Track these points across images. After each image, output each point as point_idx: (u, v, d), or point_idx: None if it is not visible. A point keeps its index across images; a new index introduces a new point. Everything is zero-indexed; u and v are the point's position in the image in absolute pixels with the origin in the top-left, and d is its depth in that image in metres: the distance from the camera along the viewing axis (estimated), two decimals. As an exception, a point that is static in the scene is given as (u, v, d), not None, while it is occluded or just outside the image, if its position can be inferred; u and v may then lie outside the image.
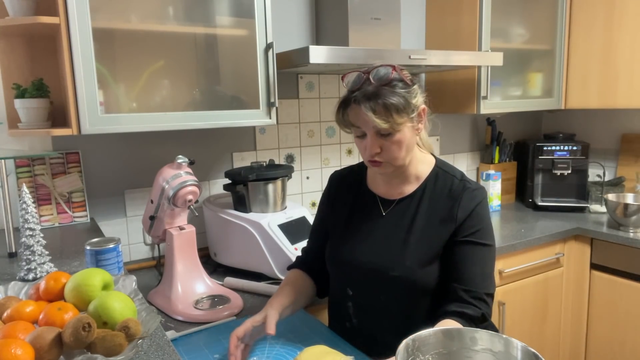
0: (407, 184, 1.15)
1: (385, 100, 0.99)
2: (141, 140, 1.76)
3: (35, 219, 1.13)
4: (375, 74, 1.02)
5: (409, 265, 1.07)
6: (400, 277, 1.08)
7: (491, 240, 1.10)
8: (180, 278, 1.38)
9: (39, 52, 1.54)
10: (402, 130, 1.03)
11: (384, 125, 1.00)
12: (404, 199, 1.14)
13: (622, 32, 2.14)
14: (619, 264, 1.99)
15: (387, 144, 1.04)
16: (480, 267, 1.07)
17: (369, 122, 1.00)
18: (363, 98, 1.00)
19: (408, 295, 1.09)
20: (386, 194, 1.17)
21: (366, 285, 1.13)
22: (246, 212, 1.62)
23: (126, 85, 1.42)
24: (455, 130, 2.53)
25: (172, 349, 0.83)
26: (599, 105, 2.27)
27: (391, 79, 1.01)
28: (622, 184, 2.39)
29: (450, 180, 1.13)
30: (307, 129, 2.09)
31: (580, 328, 2.16)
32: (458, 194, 1.10)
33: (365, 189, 1.21)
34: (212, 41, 1.54)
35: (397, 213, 1.14)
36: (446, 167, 1.16)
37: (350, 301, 1.17)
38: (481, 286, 1.06)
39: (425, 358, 0.83)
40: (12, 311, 0.81)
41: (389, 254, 1.10)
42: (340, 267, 1.19)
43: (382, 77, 1.01)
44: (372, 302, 1.13)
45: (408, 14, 2.25)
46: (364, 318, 1.16)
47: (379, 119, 0.99)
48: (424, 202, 1.12)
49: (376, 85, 1.01)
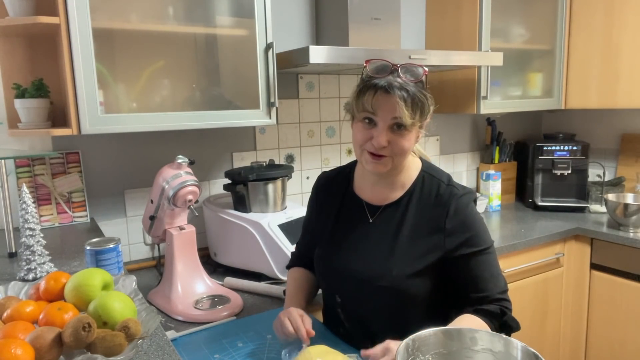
0: (393, 190, 1.12)
1: (416, 96, 0.99)
2: (141, 140, 1.76)
3: (35, 219, 1.13)
4: (408, 69, 1.01)
5: (396, 275, 1.05)
6: (387, 287, 1.06)
7: (488, 241, 1.09)
8: (180, 278, 1.38)
9: (39, 52, 1.55)
10: (413, 131, 1.02)
11: (409, 120, 0.98)
12: (390, 205, 1.12)
13: (622, 32, 2.14)
14: (619, 264, 1.99)
15: (397, 139, 1.01)
16: (488, 271, 1.07)
17: (391, 112, 0.98)
18: (395, 87, 0.98)
19: (396, 305, 1.08)
20: (372, 200, 1.14)
21: (354, 294, 1.12)
22: (246, 212, 1.62)
23: (126, 85, 1.42)
24: (455, 130, 2.53)
25: (172, 349, 0.83)
26: (599, 105, 2.27)
27: (421, 79, 1.01)
28: (622, 184, 2.39)
29: (436, 184, 1.10)
30: (307, 129, 2.09)
31: (580, 328, 2.16)
32: (445, 201, 1.07)
33: (351, 193, 1.19)
34: (212, 41, 1.54)
35: (383, 220, 1.12)
36: (432, 171, 1.14)
37: (340, 308, 1.16)
38: (494, 289, 1.06)
39: (425, 358, 0.83)
40: (12, 311, 0.81)
41: (376, 263, 1.08)
42: (328, 275, 1.18)
43: (414, 74, 1.01)
44: (360, 309, 1.12)
45: (408, 14, 2.25)
46: (355, 324, 1.15)
47: (408, 111, 0.98)
48: (410, 209, 1.09)
49: (406, 80, 0.99)
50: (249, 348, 1.14)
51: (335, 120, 2.14)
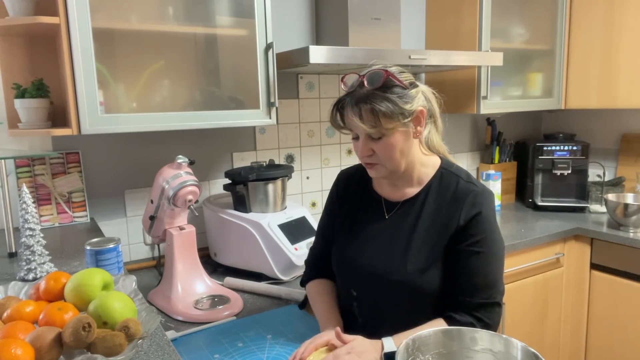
0: (410, 186, 1.13)
1: (373, 106, 0.98)
2: (141, 140, 1.76)
3: (35, 219, 1.13)
4: (368, 77, 1.01)
5: (410, 270, 1.06)
6: (401, 282, 1.06)
7: (496, 246, 1.07)
8: (180, 278, 1.38)
9: (39, 52, 1.54)
10: (393, 135, 1.02)
11: (370, 130, 1.00)
12: (407, 201, 1.12)
13: (622, 32, 2.14)
14: (619, 264, 1.99)
15: (378, 147, 1.03)
16: (481, 276, 1.05)
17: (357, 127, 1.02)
18: (352, 102, 1.01)
19: (410, 299, 1.08)
20: (390, 196, 1.15)
21: (369, 288, 1.13)
22: (246, 212, 1.62)
23: (126, 85, 1.42)
24: (455, 130, 2.53)
25: (172, 349, 0.83)
26: (599, 105, 2.27)
27: (384, 83, 1.00)
28: (622, 184, 2.39)
29: (455, 180, 1.10)
30: (307, 129, 2.09)
31: (580, 328, 2.16)
32: (462, 196, 1.06)
33: (370, 190, 1.20)
34: (212, 41, 1.54)
35: (400, 216, 1.12)
36: (452, 168, 1.13)
37: (355, 302, 1.16)
38: (480, 296, 1.04)
39: (425, 358, 0.83)
40: (12, 311, 0.81)
41: (391, 258, 1.09)
42: (344, 269, 1.19)
43: (374, 81, 1.00)
44: (375, 304, 1.13)
45: (408, 14, 2.25)
46: (369, 319, 1.15)
47: (364, 125, 0.99)
48: (427, 205, 1.10)
49: (368, 89, 1.00)
50: (249, 348, 1.14)
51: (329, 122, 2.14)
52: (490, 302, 1.04)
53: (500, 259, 1.09)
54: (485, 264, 1.05)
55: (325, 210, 1.30)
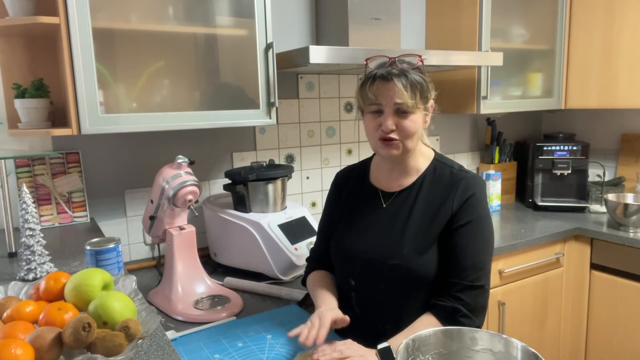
0: (407, 176, 1.19)
1: (413, 79, 1.07)
2: (141, 140, 1.76)
3: (35, 219, 1.13)
4: (405, 58, 1.11)
5: (406, 253, 1.11)
6: (397, 265, 1.11)
7: (487, 230, 1.13)
8: (180, 278, 1.38)
9: (39, 52, 1.54)
10: (417, 113, 1.09)
11: (409, 100, 1.06)
12: (404, 190, 1.18)
13: (622, 32, 2.14)
14: (619, 264, 1.99)
15: (403, 122, 1.08)
16: (470, 257, 1.09)
17: (393, 97, 1.06)
18: (393, 74, 1.07)
19: (406, 284, 1.12)
20: (387, 187, 1.21)
21: (367, 275, 1.17)
22: (246, 212, 1.62)
23: (126, 85, 1.42)
24: (455, 130, 2.53)
25: (172, 349, 0.83)
26: (599, 105, 2.27)
27: (417, 66, 1.11)
28: (622, 184, 2.39)
29: (448, 170, 1.17)
30: (307, 129, 2.09)
31: (580, 328, 2.16)
32: (456, 183, 1.14)
33: (367, 183, 1.25)
34: (212, 41, 1.54)
35: (396, 204, 1.18)
36: (445, 160, 1.21)
37: (353, 291, 1.20)
38: (467, 278, 1.08)
39: (425, 358, 0.83)
40: (12, 311, 0.81)
41: (388, 243, 1.14)
42: (343, 258, 1.23)
43: (409, 62, 1.11)
44: (372, 291, 1.17)
45: (408, 14, 2.25)
46: (366, 308, 1.19)
47: (407, 92, 1.06)
48: (422, 193, 1.16)
49: (405, 67, 1.10)
50: (249, 348, 1.14)
51: (335, 120, 2.14)
52: (476, 284, 1.08)
53: (489, 242, 1.14)
54: (474, 244, 1.10)
55: (324, 210, 1.34)
